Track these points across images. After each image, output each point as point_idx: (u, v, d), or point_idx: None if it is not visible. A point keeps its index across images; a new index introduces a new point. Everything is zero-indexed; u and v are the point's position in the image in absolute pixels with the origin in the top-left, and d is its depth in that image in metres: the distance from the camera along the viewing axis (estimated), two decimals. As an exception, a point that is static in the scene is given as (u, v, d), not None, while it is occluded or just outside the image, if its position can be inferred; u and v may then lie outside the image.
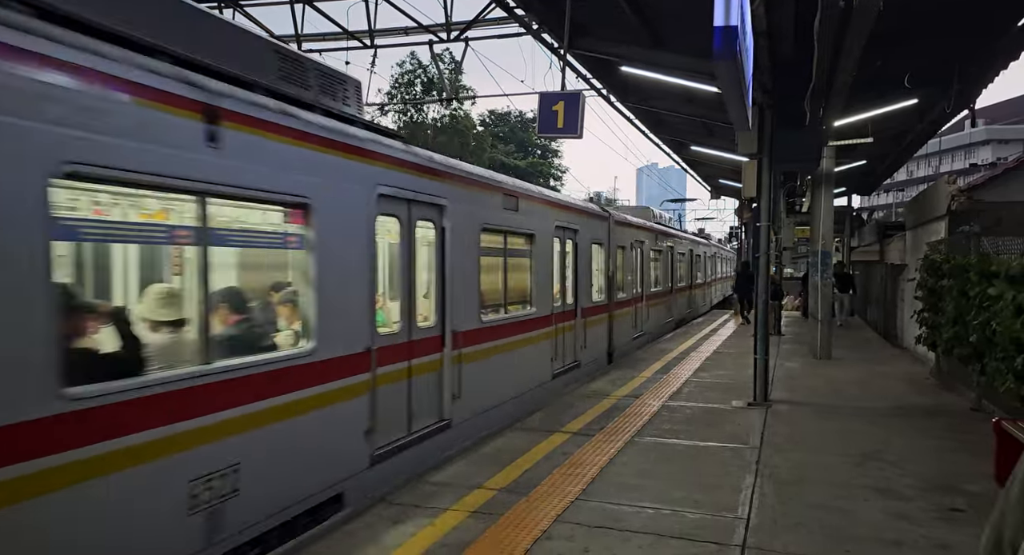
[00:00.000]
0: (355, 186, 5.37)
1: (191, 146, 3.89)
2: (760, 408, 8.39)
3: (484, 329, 7.53)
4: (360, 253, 5.42)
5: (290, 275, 5.33)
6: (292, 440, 4.65)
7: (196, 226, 4.00)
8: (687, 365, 11.84)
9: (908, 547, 4.34)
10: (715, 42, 4.09)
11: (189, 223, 4.02)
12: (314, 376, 4.85)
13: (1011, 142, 57.46)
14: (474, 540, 4.36)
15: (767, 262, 9.25)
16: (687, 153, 18.14)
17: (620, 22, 8.26)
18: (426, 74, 36.82)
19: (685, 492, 5.29)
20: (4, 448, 2.94)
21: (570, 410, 8.15)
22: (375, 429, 5.51)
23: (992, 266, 6.86)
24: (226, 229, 4.58)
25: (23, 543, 3.04)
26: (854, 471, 5.89)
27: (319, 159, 4.95)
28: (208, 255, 4.06)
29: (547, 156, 51.68)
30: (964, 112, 11.72)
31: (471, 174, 7.55)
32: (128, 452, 3.48)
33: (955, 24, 7.91)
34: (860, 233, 24.42)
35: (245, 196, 4.35)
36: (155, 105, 3.67)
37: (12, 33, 3.01)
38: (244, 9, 12.14)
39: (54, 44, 3.17)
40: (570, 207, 11.02)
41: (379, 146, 5.72)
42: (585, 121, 7.49)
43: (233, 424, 4.15)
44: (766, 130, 8.60)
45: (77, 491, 3.24)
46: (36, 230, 3.10)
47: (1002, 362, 6.15)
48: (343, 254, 5.22)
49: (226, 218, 4.53)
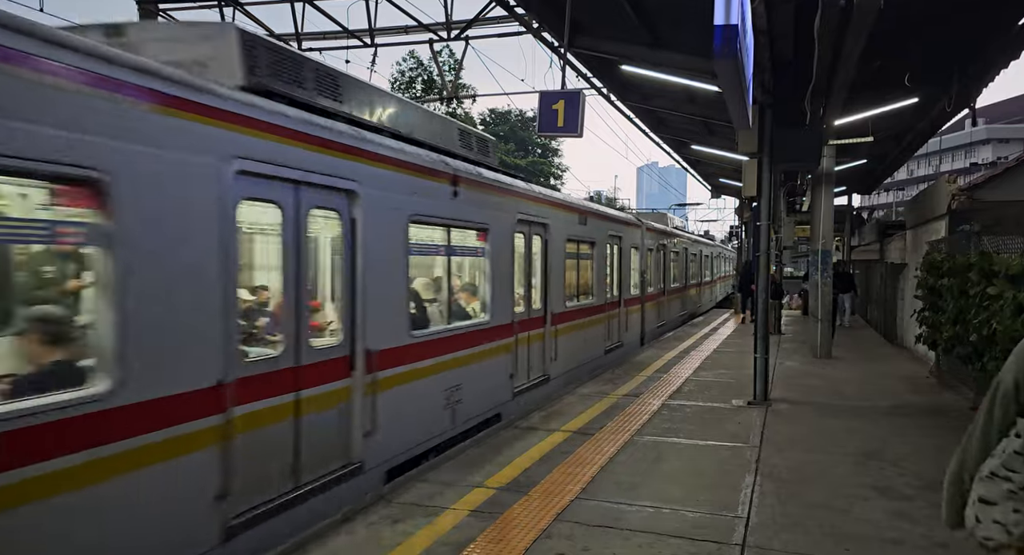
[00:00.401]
0: (509, 215, 8.12)
1: (447, 198, 6.70)
2: (760, 407, 8.39)
3: (581, 309, 10.87)
4: (509, 256, 8.08)
5: (477, 274, 7.92)
6: (481, 375, 7.37)
7: (446, 244, 6.90)
8: (687, 364, 11.85)
9: (908, 546, 4.34)
10: (715, 41, 4.09)
11: (443, 242, 6.88)
12: (491, 336, 7.60)
13: (1011, 141, 57.45)
14: (474, 539, 4.36)
15: (767, 261, 9.24)
16: (687, 152, 18.14)
17: (620, 21, 8.25)
18: (426, 72, 36.80)
19: (685, 491, 5.30)
20: (394, 358, 5.76)
21: (572, 409, 8.16)
22: (516, 374, 8.31)
23: (992, 265, 6.86)
24: (459, 245, 7.23)
25: (402, 406, 5.91)
26: (854, 470, 5.89)
27: (490, 199, 7.62)
28: (451, 261, 7.07)
29: (547, 155, 51.71)
30: (965, 111, 11.72)
31: (579, 205, 11.35)
32: (424, 369, 6.25)
33: (956, 23, 7.91)
34: (860, 232, 24.45)
35: (464, 225, 7.15)
36: (439, 180, 6.56)
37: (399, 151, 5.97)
38: (244, 8, 12.14)
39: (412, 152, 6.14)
40: (619, 219, 13.82)
41: (517, 186, 8.50)
42: (585, 120, 7.48)
43: (459, 360, 6.90)
44: (766, 129, 8.59)
45: (414, 386, 6.11)
46: (402, 253, 5.99)
47: (1002, 361, 6.15)
48: (504, 259, 7.95)
49: (457, 238, 7.11)
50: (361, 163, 5.41)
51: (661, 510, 4.89)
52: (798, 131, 9.14)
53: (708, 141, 15.26)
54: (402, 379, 5.91)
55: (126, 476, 3.46)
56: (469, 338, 7.17)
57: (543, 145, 50.67)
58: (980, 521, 2.18)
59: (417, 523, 4.62)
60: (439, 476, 5.62)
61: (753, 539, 4.40)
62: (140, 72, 3.62)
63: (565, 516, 4.76)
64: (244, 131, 4.28)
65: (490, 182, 7.69)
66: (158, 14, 11.92)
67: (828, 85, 8.25)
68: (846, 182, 19.89)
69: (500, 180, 8.04)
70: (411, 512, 4.83)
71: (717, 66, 4.52)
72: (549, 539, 4.38)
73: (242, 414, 4.17)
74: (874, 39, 6.45)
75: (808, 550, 4.27)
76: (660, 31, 8.62)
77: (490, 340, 7.64)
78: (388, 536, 4.42)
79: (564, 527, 4.57)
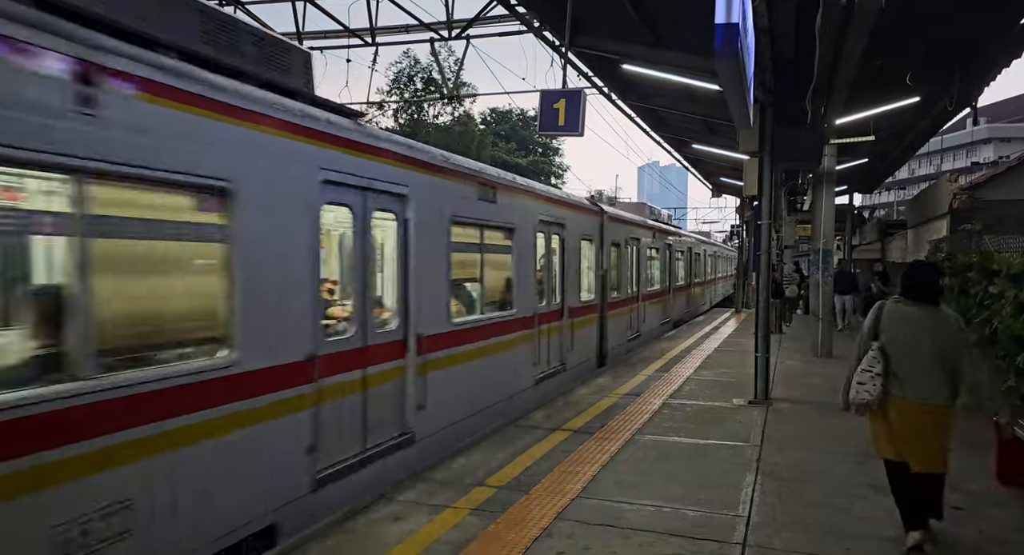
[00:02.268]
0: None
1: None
2: (761, 406, 8.40)
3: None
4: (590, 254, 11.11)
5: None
6: (506, 362, 8.22)
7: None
8: (688, 363, 11.85)
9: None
10: (716, 40, 4.09)
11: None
12: (515, 326, 8.46)
13: (1013, 140, 57.36)
14: (475, 537, 4.37)
15: (767, 260, 9.24)
16: (688, 151, 18.11)
17: (621, 20, 8.25)
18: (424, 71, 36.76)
19: (686, 490, 5.30)
20: (439, 343, 6.54)
21: (571, 408, 8.17)
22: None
23: (993, 264, 6.86)
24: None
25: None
26: (855, 469, 5.89)
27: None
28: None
29: (548, 154, 51.66)
30: (966, 110, 11.71)
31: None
32: (463, 354, 7.05)
33: (957, 22, 7.90)
34: (861, 231, 24.42)
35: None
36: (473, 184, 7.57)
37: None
38: (246, 7, 12.14)
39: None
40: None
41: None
42: (586, 119, 7.48)
43: (488, 347, 7.70)
44: (767, 128, 8.59)
45: (456, 369, 6.90)
46: (445, 250, 6.77)
47: (1003, 360, 6.15)
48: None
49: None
50: (411, 170, 6.17)
51: (662, 509, 4.90)
52: (799, 130, 9.14)
53: (709, 140, 15.24)
54: (446, 362, 6.69)
55: (251, 428, 4.30)
56: (498, 327, 7.93)
57: (544, 144, 50.60)
58: (858, 394, 4.34)
59: (418, 521, 4.63)
60: (440, 474, 5.64)
61: (754, 538, 4.40)
62: (273, 105, 4.54)
63: (566, 515, 4.77)
64: (327, 146, 5.05)
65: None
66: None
67: (829, 84, 8.25)
68: (847, 181, 19.86)
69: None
70: (412, 510, 4.83)
71: (718, 65, 4.52)
72: (550, 538, 4.38)
73: (326, 385, 4.98)
74: (875, 38, 6.45)
75: (809, 549, 4.28)
76: (661, 30, 8.61)
77: (514, 330, 8.37)
78: (389, 534, 4.42)
79: (565, 526, 4.58)
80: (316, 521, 4.71)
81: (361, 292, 5.54)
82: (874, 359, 4.29)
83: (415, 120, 36.87)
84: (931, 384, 4.18)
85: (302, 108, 4.87)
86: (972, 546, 4.36)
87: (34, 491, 3.07)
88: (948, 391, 4.18)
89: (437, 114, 37.83)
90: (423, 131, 34.63)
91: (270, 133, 4.50)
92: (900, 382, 4.25)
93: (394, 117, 36.75)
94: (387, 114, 36.23)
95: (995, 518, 4.81)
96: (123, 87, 3.51)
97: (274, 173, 4.53)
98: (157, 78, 3.70)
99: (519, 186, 8.77)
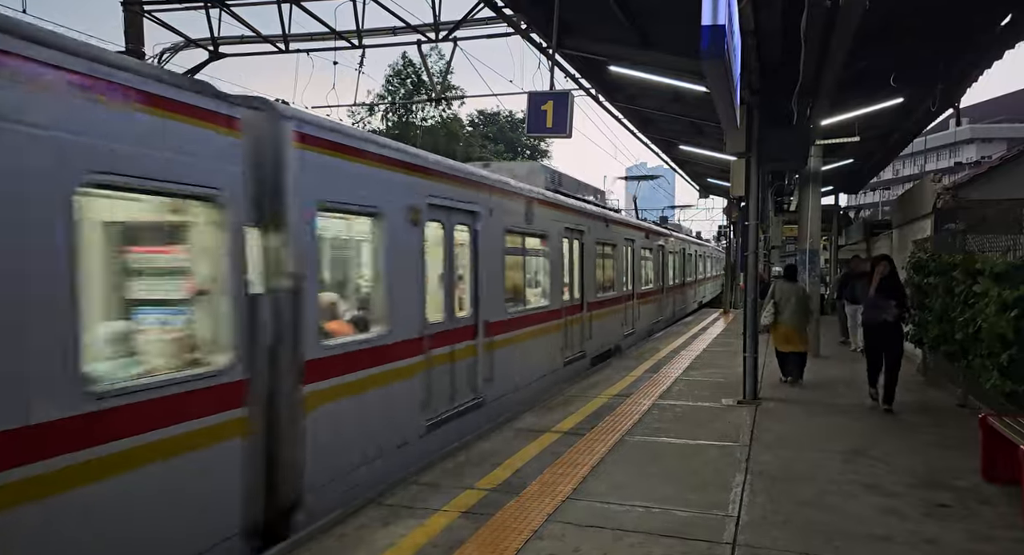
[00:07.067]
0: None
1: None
2: (750, 406, 8.43)
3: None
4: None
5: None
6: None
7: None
8: (677, 363, 11.89)
9: (897, 542, 4.37)
10: (703, 41, 4.10)
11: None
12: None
13: (995, 140, 57.99)
14: (465, 540, 4.36)
15: (755, 260, 9.28)
16: (676, 152, 18.16)
17: (608, 22, 8.27)
18: (415, 74, 36.65)
19: (675, 490, 5.31)
20: (498, 328, 8.20)
21: (561, 409, 8.16)
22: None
23: (977, 264, 6.93)
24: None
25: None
26: (843, 468, 5.93)
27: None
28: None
29: (536, 156, 51.69)
30: (949, 111, 11.81)
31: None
32: (515, 337, 8.77)
33: (940, 24, 7.97)
34: (847, 231, 24.56)
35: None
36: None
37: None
38: (231, 9, 12.06)
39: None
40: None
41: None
42: (574, 121, 7.49)
43: (531, 333, 9.40)
44: (754, 129, 8.64)
45: (511, 348, 8.66)
46: (501, 253, 8.54)
47: (987, 358, 6.21)
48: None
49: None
50: (479, 192, 7.86)
51: (652, 509, 4.90)
52: (785, 131, 9.19)
53: (696, 141, 15.29)
54: (503, 343, 8.33)
55: (397, 383, 6.10)
56: (538, 317, 9.69)
57: (532, 146, 50.65)
58: (764, 322, 9.48)
59: (408, 524, 4.61)
60: (429, 477, 5.61)
61: (744, 537, 4.41)
62: (404, 152, 6.43)
63: (556, 516, 4.76)
64: (430, 178, 6.78)
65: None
66: (143, 15, 11.81)
67: (815, 85, 8.30)
68: (833, 182, 19.98)
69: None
70: (402, 513, 4.81)
71: (705, 66, 4.54)
72: (540, 540, 4.38)
73: (432, 355, 6.64)
74: (860, 39, 6.50)
75: (798, 547, 4.29)
76: (648, 32, 8.64)
77: (548, 320, 10.14)
78: (379, 537, 4.40)
79: (556, 528, 4.57)
80: (424, 459, 6.17)
81: (448, 286, 7.17)
82: (772, 306, 9.66)
83: (404, 122, 36.77)
84: (793, 317, 9.60)
85: (415, 151, 6.72)
86: (960, 544, 4.39)
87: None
88: (801, 320, 9.64)
89: (425, 117, 37.76)
90: (412, 133, 34.54)
91: (401, 172, 6.34)
92: (782, 316, 9.63)
93: (383, 119, 36.62)
94: (376, 116, 36.10)
95: (983, 516, 4.85)
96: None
97: (401, 200, 6.23)
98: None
99: (549, 199, 10.51)
